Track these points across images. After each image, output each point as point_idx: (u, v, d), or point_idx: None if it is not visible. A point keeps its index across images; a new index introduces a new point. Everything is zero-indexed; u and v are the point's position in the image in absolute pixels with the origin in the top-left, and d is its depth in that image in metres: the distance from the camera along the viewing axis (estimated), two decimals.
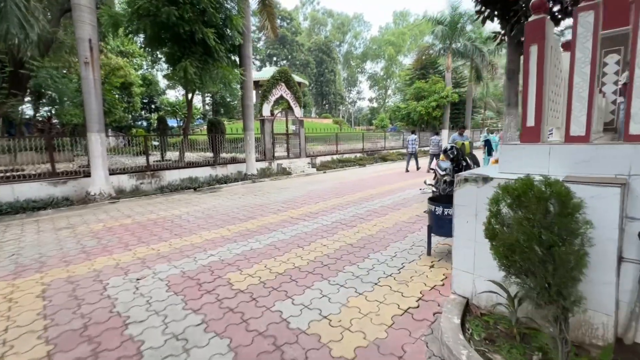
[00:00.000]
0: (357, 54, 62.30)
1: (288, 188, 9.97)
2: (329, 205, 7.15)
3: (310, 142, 16.39)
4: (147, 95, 26.38)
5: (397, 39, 55.29)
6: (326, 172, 14.28)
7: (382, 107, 66.13)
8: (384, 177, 11.84)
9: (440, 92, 23.10)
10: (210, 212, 6.87)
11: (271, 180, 12.08)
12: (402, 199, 7.52)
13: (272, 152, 13.62)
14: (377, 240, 4.60)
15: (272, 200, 7.98)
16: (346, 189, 9.21)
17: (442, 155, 9.53)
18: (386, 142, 20.68)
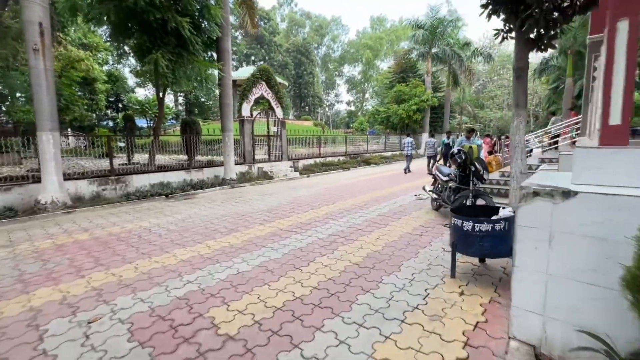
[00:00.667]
0: (335, 57, 62.32)
1: (272, 194, 9.18)
2: (321, 214, 6.47)
3: (292, 145, 15.64)
4: (114, 93, 24.47)
5: (375, 43, 55.83)
6: (310, 176, 13.60)
7: (359, 110, 66.58)
8: (372, 181, 11.35)
9: (420, 96, 23.17)
10: (185, 224, 5.98)
11: (252, 185, 11.22)
12: (399, 206, 6.99)
13: (252, 155, 12.75)
14: (386, 258, 3.98)
15: (256, 209, 7.18)
16: (335, 195, 8.58)
17: (441, 159, 8.99)
18: (368, 146, 20.33)
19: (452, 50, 23.33)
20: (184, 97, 35.48)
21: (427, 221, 5.64)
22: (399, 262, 3.83)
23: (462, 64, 23.85)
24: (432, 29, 22.76)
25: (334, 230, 5.25)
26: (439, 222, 5.58)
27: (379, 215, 6.14)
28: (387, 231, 5.08)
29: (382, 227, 5.34)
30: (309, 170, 14.38)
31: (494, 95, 42.94)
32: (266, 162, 13.32)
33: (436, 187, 6.21)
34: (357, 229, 5.25)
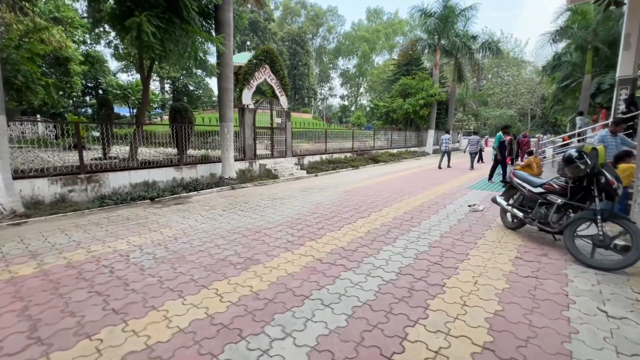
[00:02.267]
0: (329, 49, 60.39)
1: (283, 199, 7.53)
2: (362, 231, 4.89)
3: (295, 139, 13.94)
4: (92, 77, 22.00)
5: (372, 35, 54.26)
6: (318, 175, 11.97)
7: (353, 105, 65.05)
8: (392, 183, 9.82)
9: (428, 90, 21.76)
10: (179, 248, 4.28)
11: (255, 185, 9.51)
12: (457, 221, 5.47)
13: (254, 150, 11.01)
14: (529, 333, 2.44)
15: (272, 221, 5.53)
16: (363, 202, 7.01)
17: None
18: (374, 142, 18.82)
19: (462, 42, 21.96)
20: (172, 85, 33.00)
21: (520, 249, 4.13)
22: (555, 341, 2.29)
23: (472, 57, 22.52)
24: (442, 17, 21.28)
25: (399, 263, 3.67)
26: (536, 250, 4.09)
27: (442, 237, 4.60)
28: (477, 267, 3.55)
29: (463, 258, 3.80)
30: (315, 168, 12.74)
31: (492, 92, 42.15)
32: (269, 159, 11.60)
33: (518, 200, 4.71)
34: (431, 262, 3.69)
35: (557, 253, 3.94)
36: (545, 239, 4.47)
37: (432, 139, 23.19)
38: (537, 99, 39.40)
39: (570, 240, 3.62)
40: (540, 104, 39.35)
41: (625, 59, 12.77)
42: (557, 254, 3.89)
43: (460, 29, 23.08)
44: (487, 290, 3.02)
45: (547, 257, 3.80)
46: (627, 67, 12.75)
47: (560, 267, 3.52)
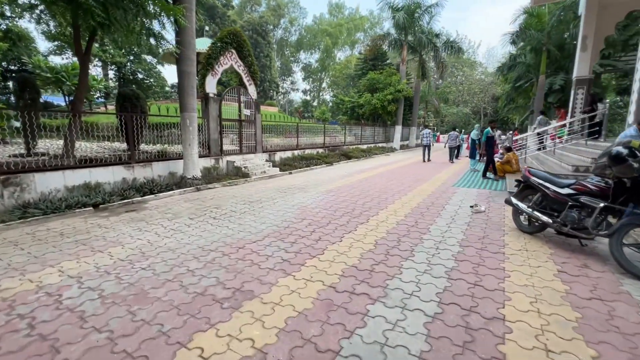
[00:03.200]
0: (291, 42, 58.82)
1: (261, 201, 6.51)
2: (368, 242, 4.11)
3: (264, 134, 12.78)
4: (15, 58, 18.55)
5: (334, 30, 53.76)
6: (292, 172, 11.01)
7: (315, 99, 64.37)
8: (374, 181, 9.21)
9: (396, 85, 21.67)
10: (137, 276, 3.15)
11: (224, 186, 8.31)
12: (464, 224, 4.92)
13: (220, 145, 9.73)
14: None
15: (254, 232, 4.54)
16: (353, 204, 6.25)
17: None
18: (345, 138, 18.23)
19: (428, 39, 22.17)
20: (117, 72, 29.46)
21: (555, 259, 3.63)
22: None
23: (438, 55, 22.87)
24: (409, 12, 21.24)
25: (434, 287, 2.94)
26: (572, 259, 3.62)
27: (462, 246, 3.98)
28: (525, 288, 2.94)
29: (502, 275, 3.18)
30: (288, 165, 11.75)
31: (449, 91, 43.97)
32: (237, 155, 10.37)
33: (537, 202, 4.24)
34: (470, 284, 3.01)
35: (595, 262, 3.49)
36: (570, 244, 4.05)
37: (400, 134, 23.27)
38: (489, 98, 41.89)
39: (619, 250, 3.18)
40: (491, 103, 41.88)
41: (582, 60, 13.48)
42: (597, 264, 3.45)
43: (424, 26, 23.29)
44: (559, 323, 2.40)
45: (590, 269, 3.32)
46: (583, 68, 13.46)
47: (614, 282, 3.05)
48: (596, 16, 12.85)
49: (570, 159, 8.19)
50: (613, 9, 12.68)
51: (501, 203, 6.36)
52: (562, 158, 8.70)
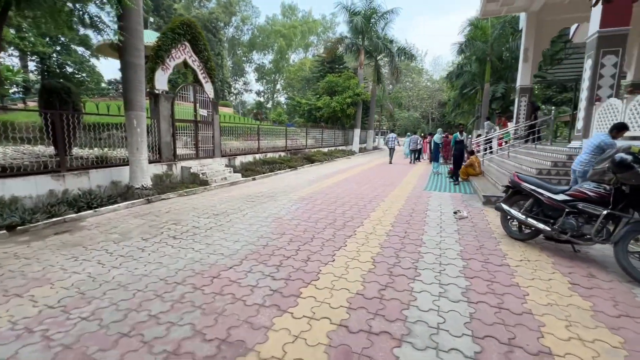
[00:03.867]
0: (243, 41, 56.91)
1: (228, 214, 5.71)
2: (365, 260, 3.63)
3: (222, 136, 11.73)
4: None
5: (288, 31, 53.19)
6: (256, 178, 10.20)
7: (269, 101, 63.14)
8: (344, 186, 8.85)
9: (355, 89, 21.78)
10: (76, 332, 2.28)
11: (181, 196, 7.27)
12: (456, 232, 4.69)
13: (173, 149, 8.59)
14: None
15: (227, 253, 3.80)
16: (331, 213, 5.76)
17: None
18: (307, 140, 17.74)
19: (384, 44, 22.70)
20: (39, 64, 25.51)
21: (560, 269, 3.50)
22: None
23: (393, 60, 23.52)
24: (366, 17, 21.52)
25: (459, 316, 2.54)
26: (575, 268, 3.50)
27: (464, 259, 3.69)
28: (550, 308, 2.67)
29: (521, 294, 2.91)
30: (251, 170, 10.89)
31: (400, 96, 45.98)
32: (193, 160, 9.28)
33: (529, 208, 4.14)
34: (495, 307, 2.66)
35: (599, 271, 3.42)
36: (563, 250, 4.00)
37: (358, 138, 23.45)
38: (436, 103, 44.69)
39: (626, 258, 3.11)
40: (438, 108, 44.73)
41: (524, 70, 14.66)
42: (601, 272, 3.37)
43: (379, 32, 23.84)
44: (610, 353, 2.14)
45: (598, 279, 3.22)
46: (525, 77, 14.65)
47: (628, 292, 2.94)
48: (535, 30, 14.05)
49: (527, 161, 8.64)
50: (549, 25, 13.97)
51: (478, 207, 6.36)
52: (519, 161, 9.18)
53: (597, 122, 7.35)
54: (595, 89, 7.49)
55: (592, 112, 7.51)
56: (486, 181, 8.72)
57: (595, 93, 7.49)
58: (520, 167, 8.28)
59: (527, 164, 8.13)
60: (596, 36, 7.30)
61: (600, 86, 7.45)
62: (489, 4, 13.80)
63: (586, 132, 7.66)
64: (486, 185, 7.95)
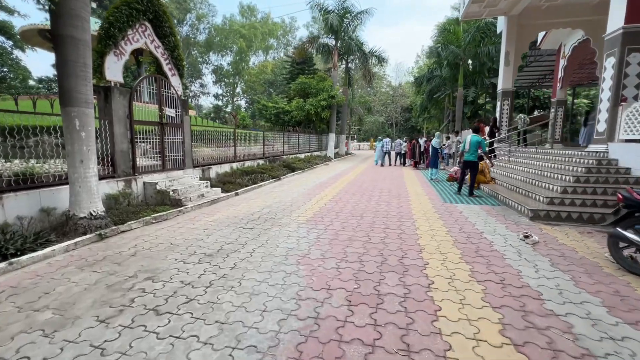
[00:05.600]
0: (200, 41, 53.33)
1: (226, 253, 3.99)
2: (490, 335, 2.25)
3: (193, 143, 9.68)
4: None
5: (248, 32, 50.90)
6: (238, 193, 8.40)
7: (228, 105, 60.02)
8: (351, 199, 7.46)
9: (329, 91, 20.59)
10: None
11: (148, 224, 5.32)
12: (558, 270, 3.51)
13: (132, 160, 6.53)
14: None
15: (265, 346, 2.17)
16: (368, 242, 4.32)
17: None
18: (284, 146, 16.06)
19: (357, 45, 21.88)
20: None
21: None
22: None
23: (366, 62, 22.77)
24: (339, 17, 20.51)
25: None
26: None
27: (616, 317, 2.47)
28: None
29: None
30: (230, 183, 9.01)
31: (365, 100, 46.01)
32: (159, 173, 7.25)
33: None
34: None
35: None
36: None
37: (334, 142, 22.26)
38: (399, 108, 45.37)
39: None
40: (402, 114, 45.45)
41: (506, 73, 14.51)
42: None
43: (351, 34, 23.02)
44: None
45: None
46: (507, 81, 14.51)
47: None
48: (515, 34, 13.99)
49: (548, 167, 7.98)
50: (528, 30, 13.98)
51: (527, 224, 5.33)
52: (534, 167, 8.53)
53: (626, 123, 6.83)
54: (620, 88, 6.98)
55: (618, 114, 7.00)
56: (504, 189, 7.86)
57: (620, 93, 6.99)
58: (542, 174, 7.56)
59: (551, 170, 7.42)
60: (620, 32, 6.77)
61: (626, 86, 6.95)
62: (473, 4, 13.47)
63: (611, 135, 7.13)
64: (512, 195, 7.05)
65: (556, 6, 13.21)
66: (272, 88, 48.57)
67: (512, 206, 6.57)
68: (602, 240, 4.46)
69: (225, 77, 57.70)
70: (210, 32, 53.43)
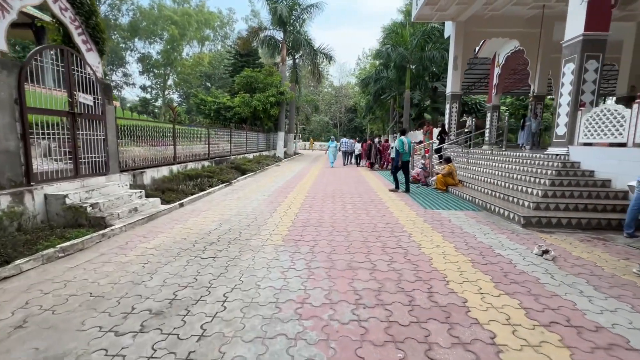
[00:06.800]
0: (122, 25, 46.83)
1: (181, 304, 2.66)
2: None
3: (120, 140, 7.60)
4: None
5: (181, 19, 46.33)
6: (184, 203, 6.77)
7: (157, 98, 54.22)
8: (323, 207, 6.48)
9: (278, 87, 19.25)
10: None
11: (51, 262, 3.59)
12: (598, 292, 2.99)
13: (25, 164, 4.57)
14: None
15: None
16: (374, 268, 3.39)
17: None
18: (231, 146, 14.31)
19: (306, 40, 20.94)
20: None
21: None
22: None
23: (315, 58, 21.93)
24: (289, 8, 19.28)
25: None
26: None
27: None
28: None
29: None
30: (170, 190, 7.27)
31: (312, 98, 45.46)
32: (69, 180, 5.31)
33: None
34: None
35: None
36: None
37: (283, 142, 20.99)
38: (343, 108, 45.87)
39: None
40: (345, 114, 46.01)
41: (454, 77, 14.99)
42: None
43: (299, 27, 22.02)
44: None
45: None
46: (455, 84, 14.99)
47: None
48: (463, 40, 14.51)
49: (517, 170, 8.02)
50: (473, 37, 14.61)
51: (520, 232, 4.96)
52: (501, 169, 8.56)
53: (585, 127, 7.08)
54: (579, 94, 7.22)
55: (578, 118, 7.25)
56: (480, 193, 7.63)
57: (579, 98, 7.24)
58: (513, 177, 7.52)
59: (521, 173, 7.41)
60: (580, 39, 6.97)
61: (584, 91, 7.22)
62: (426, 7, 13.56)
63: (571, 138, 7.36)
64: (492, 200, 6.80)
65: (497, 16, 13.98)
66: (210, 82, 44.99)
67: (495, 211, 6.29)
68: (606, 250, 4.22)
69: (154, 67, 51.82)
70: (136, 15, 47.31)
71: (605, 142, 6.66)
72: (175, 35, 45.96)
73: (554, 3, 12.34)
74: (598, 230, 5.16)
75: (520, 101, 29.96)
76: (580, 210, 5.62)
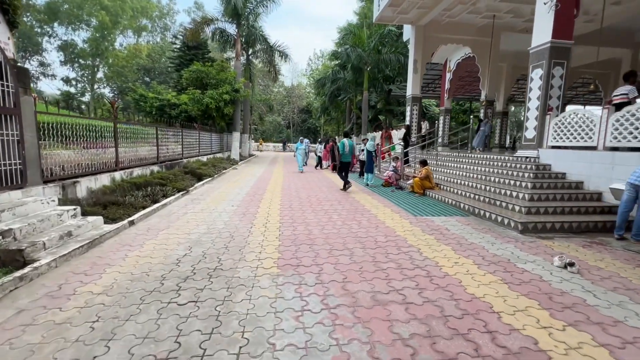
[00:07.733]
0: (38, 5, 40.19)
1: None
2: None
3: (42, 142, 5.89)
4: None
5: (113, 4, 41.31)
6: (135, 221, 5.44)
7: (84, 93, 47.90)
8: (297, 215, 5.72)
9: (233, 83, 17.80)
10: None
11: None
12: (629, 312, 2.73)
13: None
14: None
15: None
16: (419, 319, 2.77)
17: None
18: (183, 148, 12.66)
19: (262, 35, 19.76)
20: None
21: None
22: None
23: (272, 55, 20.82)
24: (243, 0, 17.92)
25: None
26: None
27: None
28: None
29: None
30: (114, 204, 5.83)
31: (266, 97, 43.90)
32: None
33: None
34: None
35: None
36: None
37: (238, 143, 19.53)
38: (297, 109, 45.12)
39: None
40: (298, 114, 45.32)
41: (415, 80, 15.24)
42: None
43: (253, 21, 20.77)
44: None
45: None
46: (416, 87, 15.26)
47: None
48: (422, 44, 14.80)
49: (495, 173, 8.09)
50: (431, 41, 14.98)
51: (516, 237, 4.77)
52: (477, 172, 8.61)
53: (554, 131, 7.35)
54: (547, 98, 7.49)
55: (546, 122, 7.51)
56: (463, 198, 7.46)
57: (547, 103, 7.51)
58: (492, 180, 7.54)
59: (499, 176, 7.46)
60: (548, 46, 7.21)
61: (551, 96, 7.51)
62: (388, 8, 13.51)
63: (540, 141, 7.62)
64: (478, 204, 6.65)
65: (453, 23, 14.49)
66: (149, 76, 40.85)
67: (485, 216, 6.12)
68: (614, 256, 4.16)
69: (79, 57, 45.54)
70: None
71: (575, 145, 6.95)
72: (105, 22, 40.89)
73: (503, 14, 13.12)
74: (588, 233, 5.21)
75: (460, 106, 32.25)
76: (566, 214, 5.68)
